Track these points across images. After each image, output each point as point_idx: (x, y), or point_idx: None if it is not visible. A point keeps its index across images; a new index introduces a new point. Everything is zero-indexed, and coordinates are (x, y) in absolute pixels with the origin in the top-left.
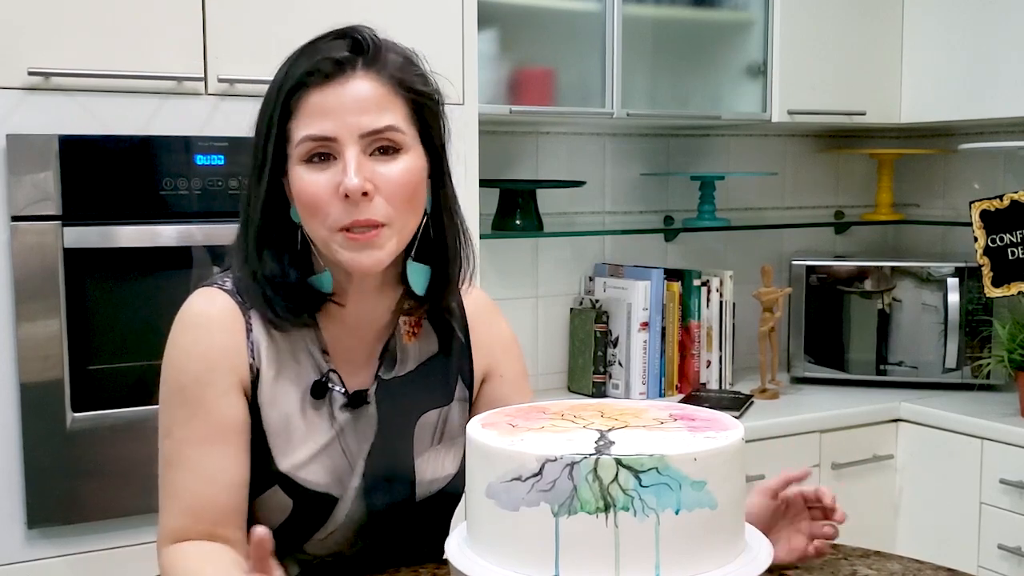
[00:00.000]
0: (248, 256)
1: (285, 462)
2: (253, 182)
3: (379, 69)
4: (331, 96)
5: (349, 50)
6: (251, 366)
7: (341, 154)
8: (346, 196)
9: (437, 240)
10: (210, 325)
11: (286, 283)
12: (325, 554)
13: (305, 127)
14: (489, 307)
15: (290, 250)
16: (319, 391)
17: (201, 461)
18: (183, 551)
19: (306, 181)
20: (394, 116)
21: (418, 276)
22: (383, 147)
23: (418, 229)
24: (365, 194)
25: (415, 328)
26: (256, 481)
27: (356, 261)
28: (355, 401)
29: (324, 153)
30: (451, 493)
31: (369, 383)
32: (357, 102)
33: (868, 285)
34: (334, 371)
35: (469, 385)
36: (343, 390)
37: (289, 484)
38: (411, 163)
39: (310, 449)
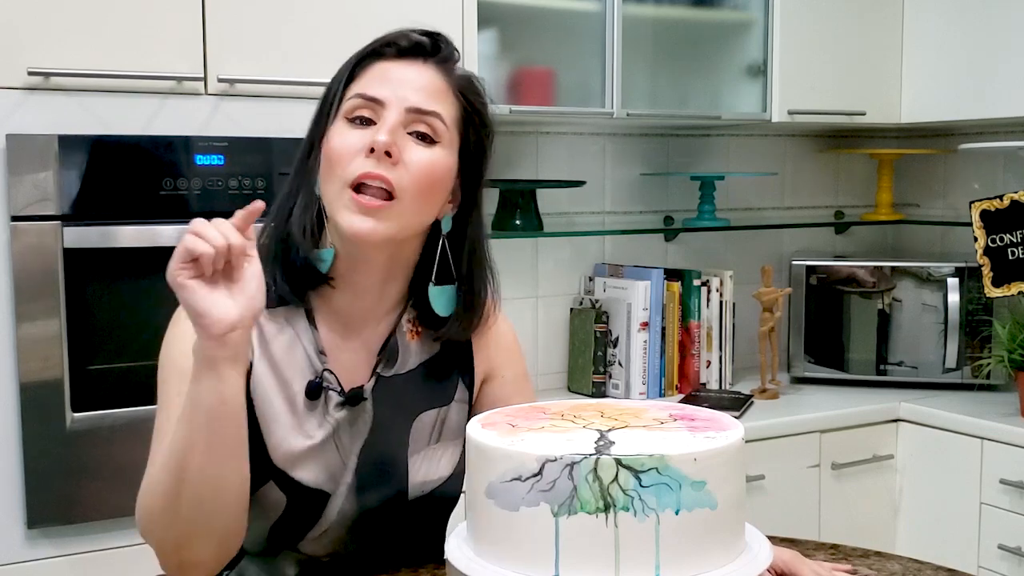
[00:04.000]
0: (275, 217)
1: (279, 457)
2: (304, 147)
3: (447, 70)
4: (394, 69)
5: (429, 44)
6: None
7: (381, 118)
8: (371, 150)
9: (457, 272)
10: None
11: (292, 254)
12: (321, 554)
13: (360, 87)
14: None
15: (309, 220)
16: (314, 392)
17: None
18: None
19: (340, 136)
20: (444, 109)
21: (440, 298)
22: (421, 133)
23: (437, 251)
24: (389, 155)
25: (418, 327)
26: (251, 476)
27: (353, 225)
28: (352, 400)
29: (367, 118)
30: (444, 496)
31: (367, 380)
32: (416, 81)
33: (868, 285)
34: (329, 371)
35: (469, 386)
36: (339, 389)
37: (284, 479)
38: (442, 157)
39: (304, 445)
